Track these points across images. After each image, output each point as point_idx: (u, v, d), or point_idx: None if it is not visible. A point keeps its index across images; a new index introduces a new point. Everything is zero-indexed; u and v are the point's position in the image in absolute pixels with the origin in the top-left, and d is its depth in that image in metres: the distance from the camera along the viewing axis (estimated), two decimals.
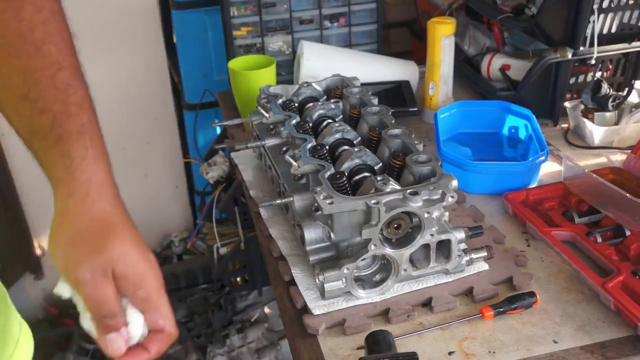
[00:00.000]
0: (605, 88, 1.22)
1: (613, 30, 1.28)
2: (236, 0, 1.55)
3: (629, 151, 1.10)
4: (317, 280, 0.84)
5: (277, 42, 1.62)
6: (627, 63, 1.35)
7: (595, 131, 1.22)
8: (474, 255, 0.89)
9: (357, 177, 0.91)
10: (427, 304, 0.86)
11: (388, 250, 0.83)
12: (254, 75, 1.37)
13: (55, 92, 0.55)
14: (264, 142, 1.09)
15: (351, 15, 1.64)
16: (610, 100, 1.22)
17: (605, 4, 1.24)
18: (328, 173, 0.87)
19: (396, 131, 0.96)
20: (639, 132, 1.22)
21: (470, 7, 1.56)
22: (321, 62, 1.47)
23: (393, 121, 1.01)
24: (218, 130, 2.02)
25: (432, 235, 0.84)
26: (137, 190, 2.43)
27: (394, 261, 0.85)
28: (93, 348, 1.91)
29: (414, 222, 0.84)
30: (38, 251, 2.31)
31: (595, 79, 1.26)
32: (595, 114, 1.24)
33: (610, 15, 1.26)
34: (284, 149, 1.06)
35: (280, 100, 1.12)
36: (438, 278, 0.88)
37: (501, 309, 0.83)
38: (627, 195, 0.92)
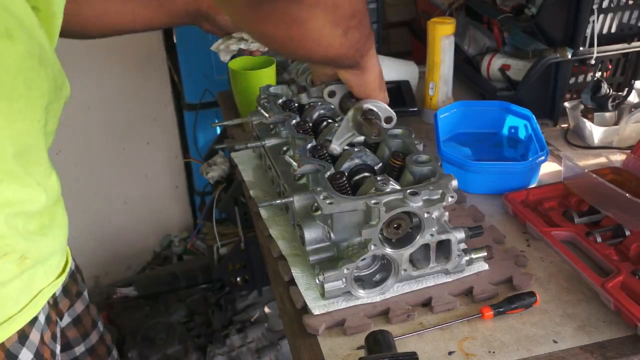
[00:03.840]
0: (605, 88, 1.22)
1: (613, 30, 1.29)
2: None
3: (629, 151, 1.10)
4: (317, 280, 0.84)
5: None
6: (626, 63, 1.35)
7: (595, 131, 1.22)
8: (473, 255, 0.89)
9: (357, 177, 0.91)
10: (427, 304, 0.86)
11: (388, 250, 0.83)
12: (254, 75, 1.36)
13: None
14: (264, 142, 1.09)
15: None
16: (610, 100, 1.22)
17: (605, 4, 1.24)
18: (328, 173, 0.87)
19: (396, 131, 0.96)
20: (638, 132, 1.22)
21: (470, 7, 1.56)
22: None
23: None
24: (218, 130, 2.02)
25: (432, 235, 0.84)
26: (137, 190, 2.43)
27: (394, 261, 0.85)
28: None
29: (414, 222, 0.84)
30: None
31: (595, 79, 1.26)
32: (595, 114, 1.24)
33: (610, 15, 1.26)
34: (284, 149, 1.06)
35: (280, 100, 1.12)
36: (438, 278, 0.88)
37: (501, 309, 0.83)
38: (627, 195, 0.92)
